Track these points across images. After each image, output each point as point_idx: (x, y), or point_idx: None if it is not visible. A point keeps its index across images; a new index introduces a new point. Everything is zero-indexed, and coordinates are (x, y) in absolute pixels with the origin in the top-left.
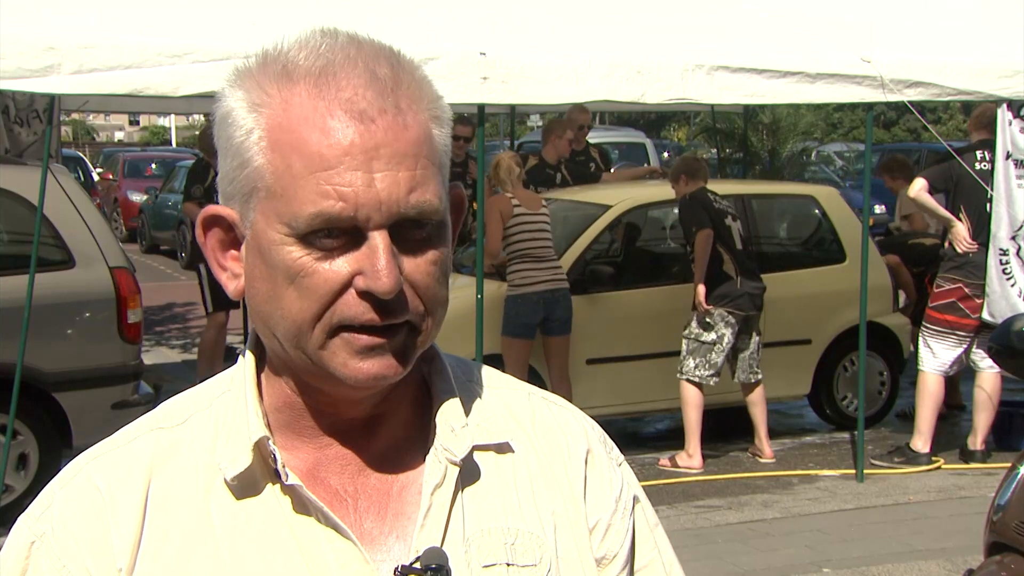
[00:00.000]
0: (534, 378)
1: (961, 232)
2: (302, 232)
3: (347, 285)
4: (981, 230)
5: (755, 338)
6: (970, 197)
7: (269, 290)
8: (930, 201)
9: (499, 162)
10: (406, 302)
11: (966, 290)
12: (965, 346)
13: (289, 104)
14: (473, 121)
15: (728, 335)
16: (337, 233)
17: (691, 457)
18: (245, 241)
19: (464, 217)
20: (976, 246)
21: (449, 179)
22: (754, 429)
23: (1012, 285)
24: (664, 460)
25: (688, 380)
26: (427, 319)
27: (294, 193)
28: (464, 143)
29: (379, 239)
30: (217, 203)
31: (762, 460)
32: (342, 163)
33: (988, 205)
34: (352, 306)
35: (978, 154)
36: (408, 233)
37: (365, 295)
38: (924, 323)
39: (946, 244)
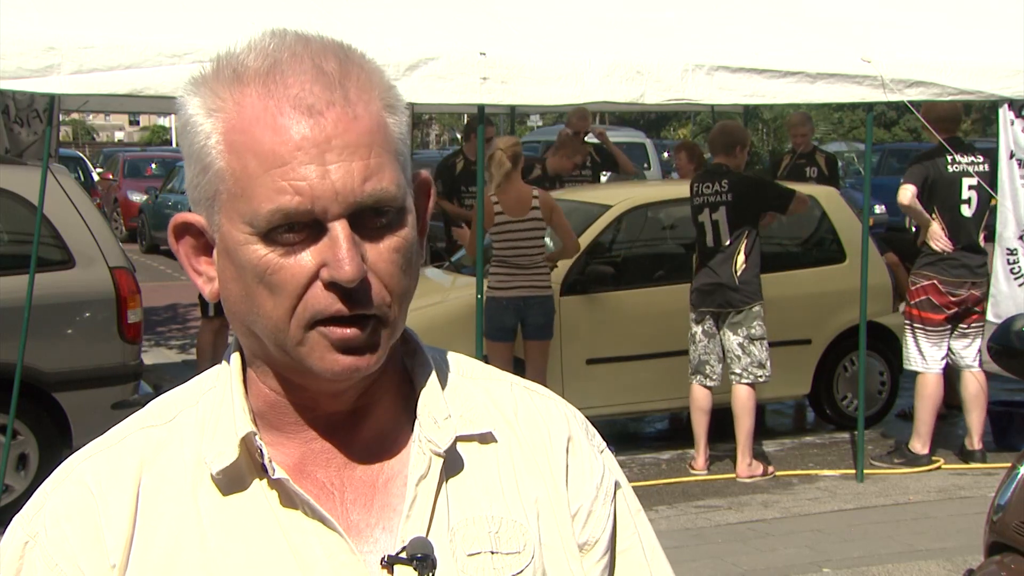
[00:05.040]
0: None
1: (937, 231)
2: (263, 230)
3: (314, 278)
4: (956, 231)
5: (732, 338)
6: (944, 199)
7: (241, 291)
8: (917, 205)
9: (492, 154)
10: (371, 290)
11: (940, 287)
12: (947, 341)
13: (241, 106)
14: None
15: (699, 332)
16: (298, 227)
17: (695, 459)
18: (215, 245)
19: (432, 202)
20: (952, 246)
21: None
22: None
23: (1020, 285)
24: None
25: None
26: (392, 308)
27: (252, 192)
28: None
29: (339, 229)
30: None
31: (739, 477)
32: (295, 158)
33: (961, 207)
34: (320, 299)
35: (948, 158)
36: (368, 222)
37: (331, 286)
38: (905, 321)
39: (919, 242)
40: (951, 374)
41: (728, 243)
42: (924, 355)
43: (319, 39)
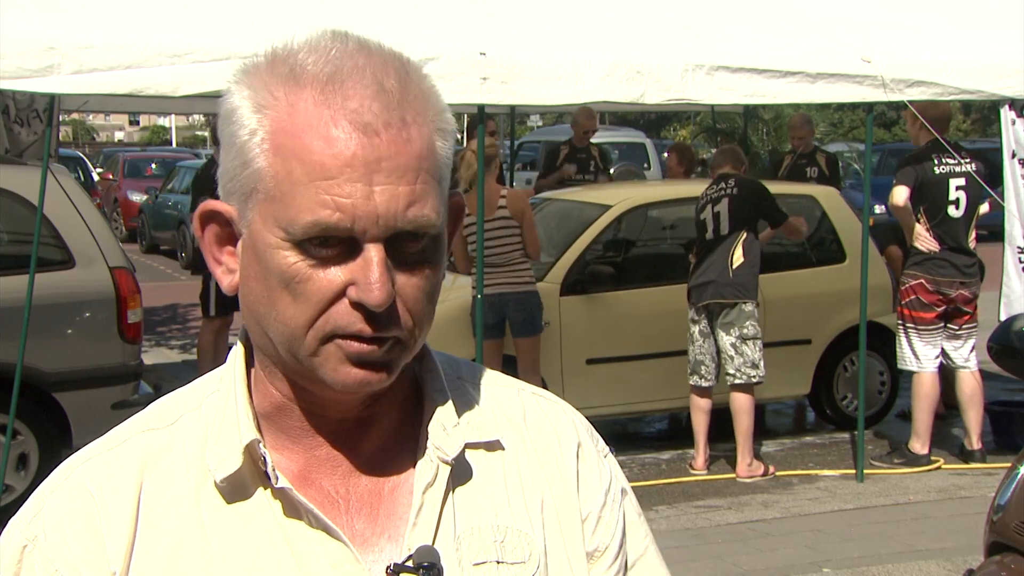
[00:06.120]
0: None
1: (922, 232)
2: (298, 239)
3: (340, 294)
4: (944, 232)
5: (725, 338)
6: (932, 200)
7: (263, 291)
8: (909, 207)
9: (463, 155)
10: (397, 315)
11: (927, 285)
12: (940, 339)
13: (294, 109)
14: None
15: (695, 332)
16: (333, 242)
17: (695, 459)
18: (242, 239)
19: (461, 226)
20: (938, 246)
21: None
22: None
23: None
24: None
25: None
26: (415, 332)
27: (293, 199)
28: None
29: (374, 252)
30: None
31: (738, 477)
32: (343, 174)
33: (949, 208)
34: (344, 315)
35: (935, 159)
36: (404, 247)
37: (357, 306)
38: (897, 321)
39: (908, 244)
40: (949, 374)
41: (727, 233)
42: (918, 354)
43: (380, 50)
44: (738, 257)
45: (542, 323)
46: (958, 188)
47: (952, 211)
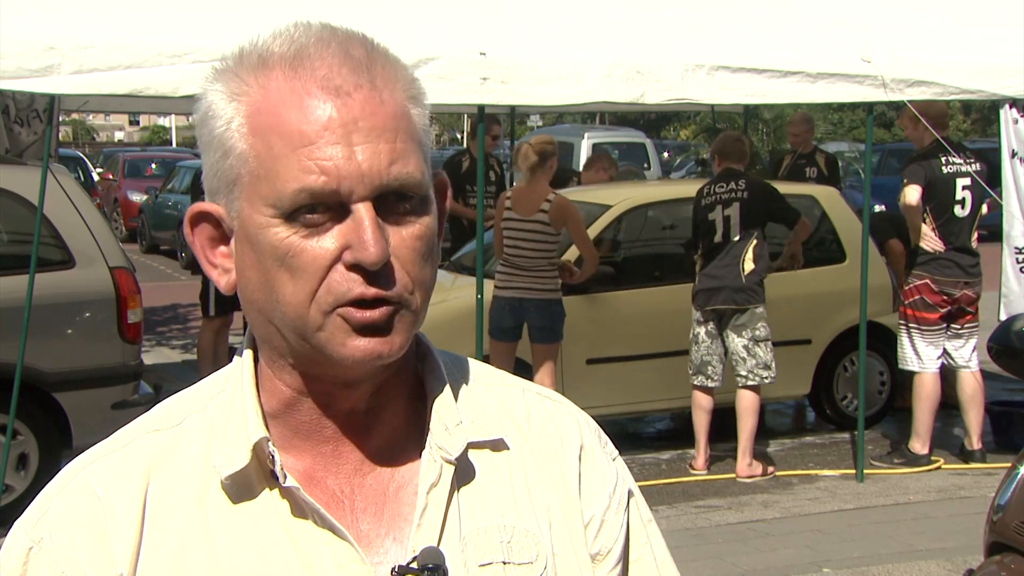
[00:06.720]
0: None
1: (927, 231)
2: (287, 211)
3: (336, 260)
4: (950, 232)
5: (736, 340)
6: (939, 199)
7: (261, 278)
8: (920, 207)
9: (519, 147)
10: (394, 274)
11: (932, 286)
12: (943, 340)
13: (267, 89)
14: None
15: (702, 333)
16: (322, 209)
17: (695, 459)
18: (234, 234)
19: (448, 204)
20: (943, 245)
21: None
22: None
23: None
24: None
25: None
26: (414, 295)
27: (277, 173)
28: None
29: (364, 211)
30: None
31: (739, 477)
32: (322, 138)
33: (955, 207)
34: (343, 281)
35: (942, 158)
36: (392, 207)
37: (354, 268)
38: (900, 321)
39: (912, 244)
40: (949, 374)
41: (738, 239)
42: (920, 355)
43: (344, 29)
44: (749, 262)
45: (563, 333)
46: (964, 188)
47: (958, 211)
